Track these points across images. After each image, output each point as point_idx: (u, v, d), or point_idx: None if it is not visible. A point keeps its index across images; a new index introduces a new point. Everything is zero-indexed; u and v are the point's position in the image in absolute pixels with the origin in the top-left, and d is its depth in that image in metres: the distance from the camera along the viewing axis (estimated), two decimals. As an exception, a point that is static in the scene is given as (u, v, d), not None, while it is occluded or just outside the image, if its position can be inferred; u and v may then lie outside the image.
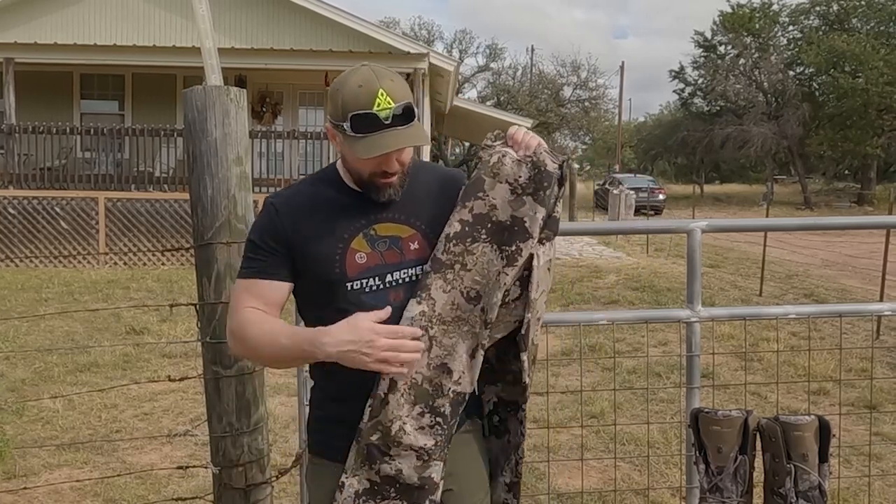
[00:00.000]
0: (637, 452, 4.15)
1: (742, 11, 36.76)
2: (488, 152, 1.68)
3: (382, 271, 1.58)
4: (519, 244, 1.61)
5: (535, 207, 1.62)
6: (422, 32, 44.25)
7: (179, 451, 4.26)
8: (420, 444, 1.56)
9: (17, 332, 7.04)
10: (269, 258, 1.58)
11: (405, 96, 1.52)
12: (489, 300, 1.59)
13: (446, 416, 1.58)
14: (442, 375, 1.58)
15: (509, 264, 1.60)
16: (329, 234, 1.58)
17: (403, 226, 1.61)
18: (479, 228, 1.61)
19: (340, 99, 1.52)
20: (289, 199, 1.63)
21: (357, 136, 1.50)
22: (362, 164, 1.55)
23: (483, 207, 1.62)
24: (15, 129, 12.41)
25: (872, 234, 13.28)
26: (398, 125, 1.50)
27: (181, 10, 14.03)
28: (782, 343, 6.69)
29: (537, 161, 1.64)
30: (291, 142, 13.36)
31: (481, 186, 1.63)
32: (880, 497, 3.62)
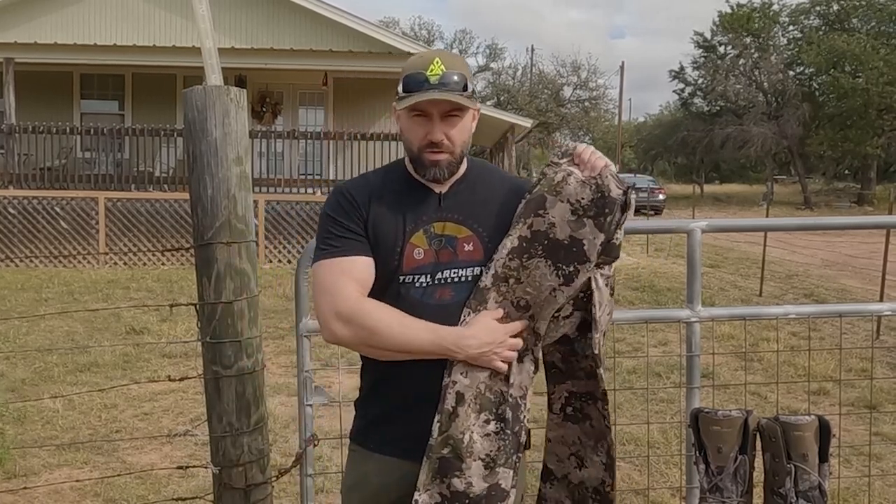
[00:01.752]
0: (637, 452, 4.15)
1: (742, 11, 36.77)
2: (553, 169, 1.67)
3: (434, 269, 1.61)
4: (577, 265, 1.62)
5: (594, 232, 1.62)
6: (422, 32, 44.31)
7: (179, 451, 4.26)
8: (486, 451, 1.58)
9: (18, 331, 7.04)
10: (356, 236, 1.60)
11: (460, 69, 1.59)
12: (540, 312, 1.62)
13: (508, 421, 1.60)
14: (500, 383, 1.61)
15: (565, 283, 1.62)
16: (393, 225, 1.61)
17: (461, 226, 1.63)
18: (536, 244, 1.62)
19: (403, 70, 1.61)
20: (358, 186, 1.67)
21: (405, 94, 1.57)
22: (412, 133, 1.60)
23: (542, 225, 1.62)
24: (15, 128, 12.42)
25: (872, 234, 13.27)
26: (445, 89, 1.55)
27: (181, 10, 14.03)
28: (782, 343, 6.69)
29: (601, 185, 1.63)
30: (291, 142, 13.36)
31: (542, 204, 1.63)
32: (880, 497, 3.62)
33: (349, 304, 1.56)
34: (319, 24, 14.53)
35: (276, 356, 6.15)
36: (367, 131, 13.40)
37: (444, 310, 1.59)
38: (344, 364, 4.49)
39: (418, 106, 1.56)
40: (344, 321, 1.57)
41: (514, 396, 1.62)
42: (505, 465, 1.59)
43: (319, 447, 2.60)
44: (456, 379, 1.59)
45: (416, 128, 1.59)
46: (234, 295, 1.99)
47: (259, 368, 2.07)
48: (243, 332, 2.01)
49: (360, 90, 14.88)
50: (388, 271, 1.60)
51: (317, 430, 2.18)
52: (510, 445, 1.60)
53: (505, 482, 1.58)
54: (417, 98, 1.55)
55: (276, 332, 6.98)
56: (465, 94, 1.58)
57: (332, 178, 13.48)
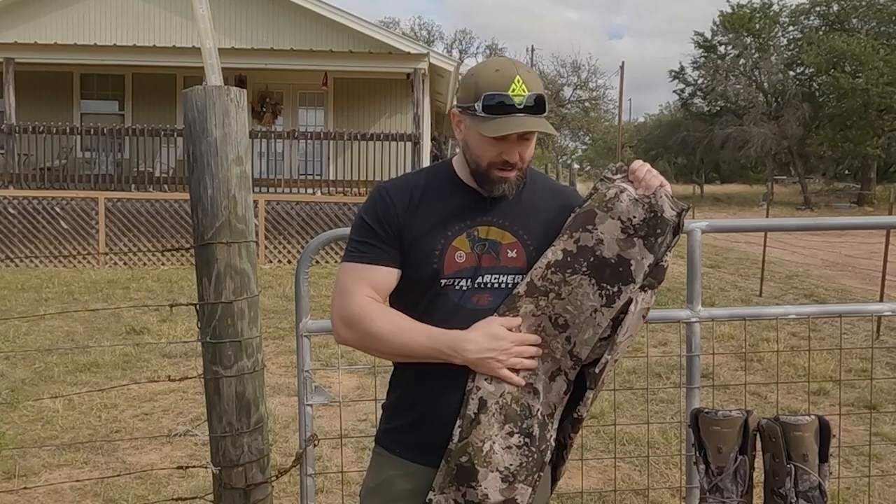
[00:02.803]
0: (637, 452, 4.15)
1: (742, 12, 36.76)
2: (606, 185, 1.63)
3: (474, 273, 1.59)
4: (620, 286, 1.58)
5: (643, 253, 1.59)
6: (422, 33, 44.33)
7: (179, 451, 4.26)
8: (506, 464, 1.55)
9: (18, 331, 7.04)
10: (383, 244, 1.59)
11: (539, 88, 1.54)
12: (579, 334, 1.58)
13: (534, 438, 1.57)
14: (528, 396, 1.57)
15: (607, 304, 1.58)
16: (434, 228, 1.59)
17: (506, 232, 1.61)
18: (581, 260, 1.57)
19: (475, 82, 1.54)
20: (400, 188, 1.63)
21: (487, 116, 1.50)
22: (484, 151, 1.55)
23: (589, 240, 1.58)
24: (15, 129, 12.42)
25: (872, 234, 13.28)
26: (529, 113, 1.51)
27: (181, 10, 14.04)
28: (782, 343, 6.69)
29: (655, 204, 1.60)
30: (291, 142, 13.36)
31: (592, 219, 1.59)
32: (880, 497, 3.62)
33: (354, 309, 1.57)
34: (319, 25, 14.54)
35: (276, 356, 6.15)
36: (367, 131, 13.40)
37: (479, 314, 1.58)
38: (344, 364, 4.49)
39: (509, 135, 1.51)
40: (348, 325, 1.59)
41: (542, 414, 1.58)
42: (525, 482, 1.56)
43: (319, 447, 2.61)
44: (480, 385, 1.55)
45: (490, 147, 1.54)
46: (234, 295, 1.99)
47: (259, 368, 2.07)
48: (243, 333, 2.01)
49: (361, 90, 14.88)
50: (428, 274, 1.58)
51: (317, 430, 2.18)
52: (533, 463, 1.57)
53: (522, 498, 1.56)
54: (509, 129, 1.49)
55: (276, 332, 6.98)
56: (545, 114, 1.55)
57: (332, 179, 13.48)
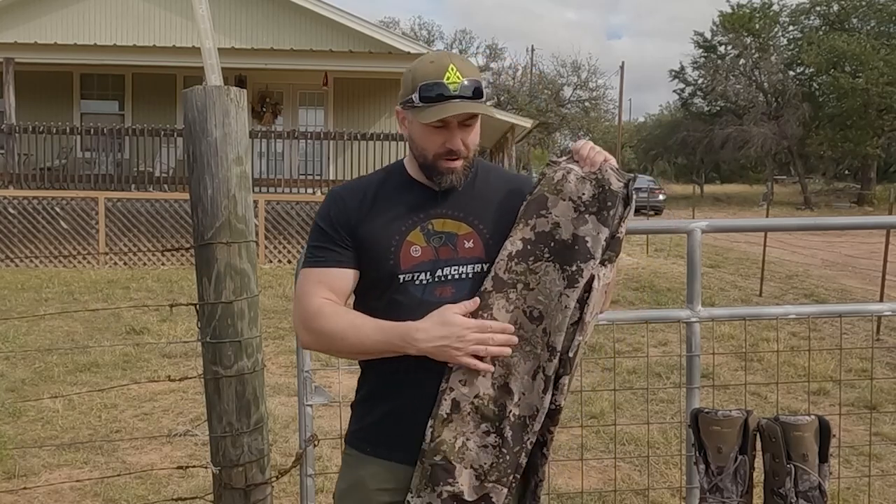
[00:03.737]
0: (637, 452, 4.15)
1: (742, 11, 36.77)
2: (553, 168, 1.63)
3: (433, 266, 1.59)
4: (580, 264, 1.57)
5: (598, 227, 1.58)
6: (422, 32, 44.30)
7: (179, 451, 4.26)
8: (480, 462, 1.54)
9: (18, 331, 7.04)
10: (337, 247, 1.61)
11: (474, 75, 1.56)
12: (552, 322, 1.56)
13: (507, 440, 1.55)
14: (505, 396, 1.55)
15: (570, 285, 1.56)
16: (388, 225, 1.60)
17: (461, 223, 1.62)
18: (542, 247, 1.58)
19: (412, 76, 1.57)
20: (353, 189, 1.66)
21: (424, 105, 1.53)
22: (428, 142, 1.57)
23: (546, 225, 1.58)
24: (15, 128, 12.41)
25: (872, 234, 13.28)
26: (465, 99, 1.53)
27: (181, 10, 14.04)
28: (782, 343, 6.69)
29: (602, 179, 1.60)
30: (291, 142, 13.36)
31: (544, 204, 1.60)
32: (880, 497, 3.62)
33: (310, 311, 1.59)
34: (319, 25, 14.54)
35: (276, 356, 6.15)
36: (367, 131, 13.40)
37: None
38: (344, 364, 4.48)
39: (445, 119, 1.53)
40: (307, 328, 1.61)
41: (517, 416, 1.55)
42: (497, 482, 1.54)
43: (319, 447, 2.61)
44: (453, 386, 1.55)
45: (432, 137, 1.57)
46: (234, 295, 1.99)
47: (259, 368, 2.07)
48: (243, 333, 2.01)
49: (360, 90, 14.88)
50: (386, 271, 1.59)
51: (317, 431, 2.18)
52: (506, 465, 1.55)
53: (497, 498, 1.54)
54: (445, 112, 1.52)
55: (276, 332, 6.98)
56: (483, 100, 1.57)
57: (332, 179, 13.48)
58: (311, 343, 1.64)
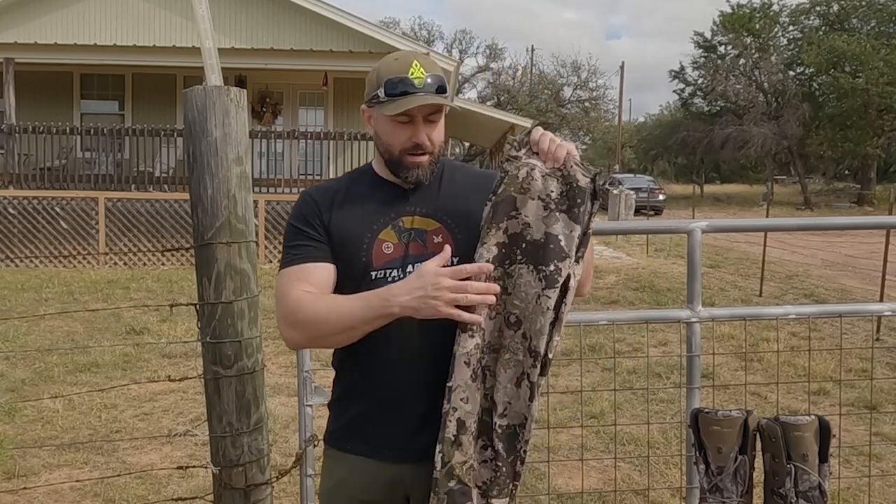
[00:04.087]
0: (637, 452, 4.15)
1: (742, 11, 36.77)
2: (515, 165, 1.58)
3: (404, 262, 1.61)
4: (557, 263, 1.53)
5: (570, 225, 1.55)
6: (422, 33, 44.29)
7: (179, 451, 4.26)
8: (483, 479, 1.53)
9: (18, 331, 7.04)
10: (314, 243, 1.62)
11: (438, 72, 1.59)
12: (532, 326, 1.52)
13: (501, 454, 1.53)
14: (492, 407, 1.53)
15: (549, 286, 1.52)
16: (359, 222, 1.62)
17: (430, 219, 1.63)
18: (515, 249, 1.55)
19: (376, 74, 1.61)
20: (324, 190, 1.69)
21: (390, 98, 1.56)
22: (394, 137, 1.60)
23: (517, 226, 1.55)
24: (15, 129, 12.41)
25: (872, 234, 13.28)
26: (429, 93, 1.56)
27: (181, 10, 14.03)
28: (782, 343, 6.69)
29: (568, 175, 1.56)
30: (291, 142, 13.36)
31: (513, 204, 1.56)
32: (880, 497, 3.62)
33: (290, 305, 1.57)
34: (319, 25, 14.53)
35: (276, 356, 6.15)
36: (367, 132, 13.36)
37: None
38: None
39: (410, 111, 1.55)
40: (290, 324, 1.58)
41: (503, 426, 1.53)
42: (498, 496, 1.53)
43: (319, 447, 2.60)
44: (456, 406, 1.51)
45: (398, 131, 1.59)
46: (234, 295, 1.99)
47: (259, 368, 2.07)
48: (243, 333, 2.01)
49: (360, 90, 14.70)
50: (359, 268, 1.60)
51: (317, 431, 2.18)
52: (504, 476, 1.54)
53: None
54: (410, 104, 1.54)
55: (276, 333, 6.96)
56: (446, 95, 1.60)
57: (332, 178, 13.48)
58: (296, 338, 1.60)
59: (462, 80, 38.92)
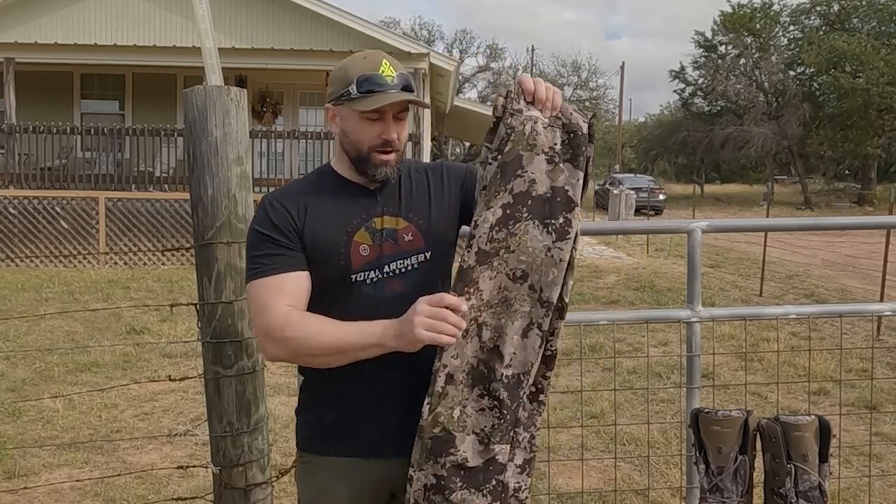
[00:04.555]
0: (637, 452, 4.15)
1: (743, 11, 36.76)
2: (519, 120, 1.53)
3: (379, 263, 1.61)
4: (566, 215, 1.53)
5: (574, 174, 1.55)
6: (422, 32, 44.31)
7: (180, 450, 4.26)
8: (481, 427, 1.54)
9: (18, 331, 7.04)
10: (287, 250, 1.58)
11: (404, 71, 1.61)
12: (543, 278, 1.53)
13: (503, 402, 1.53)
14: (494, 359, 1.53)
15: (560, 238, 1.53)
16: (333, 226, 1.60)
17: (398, 218, 1.64)
18: (521, 207, 1.53)
19: (345, 72, 1.60)
20: (288, 195, 1.64)
21: (363, 95, 1.56)
22: (364, 134, 1.59)
23: (523, 185, 1.53)
24: (15, 128, 12.41)
25: (873, 234, 13.27)
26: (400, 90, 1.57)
27: (181, 10, 14.03)
28: (782, 343, 6.69)
29: (568, 124, 1.55)
30: (292, 141, 13.36)
31: (519, 163, 1.53)
32: (880, 497, 3.62)
33: (278, 320, 1.53)
34: (320, 25, 14.53)
35: (277, 356, 6.15)
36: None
37: (395, 301, 1.57)
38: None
39: (383, 108, 1.55)
40: (275, 340, 1.54)
41: (508, 376, 1.54)
42: (500, 441, 1.55)
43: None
44: (447, 363, 1.53)
45: (367, 128, 1.58)
46: (235, 295, 1.99)
47: (259, 368, 2.07)
48: (243, 332, 2.01)
49: (361, 90, 14.84)
50: (337, 272, 1.59)
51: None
52: (507, 423, 1.55)
53: (502, 457, 1.56)
54: (385, 100, 1.54)
55: (277, 332, 6.97)
56: (414, 94, 1.61)
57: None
58: (279, 354, 1.57)
59: (462, 80, 38.89)
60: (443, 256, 1.68)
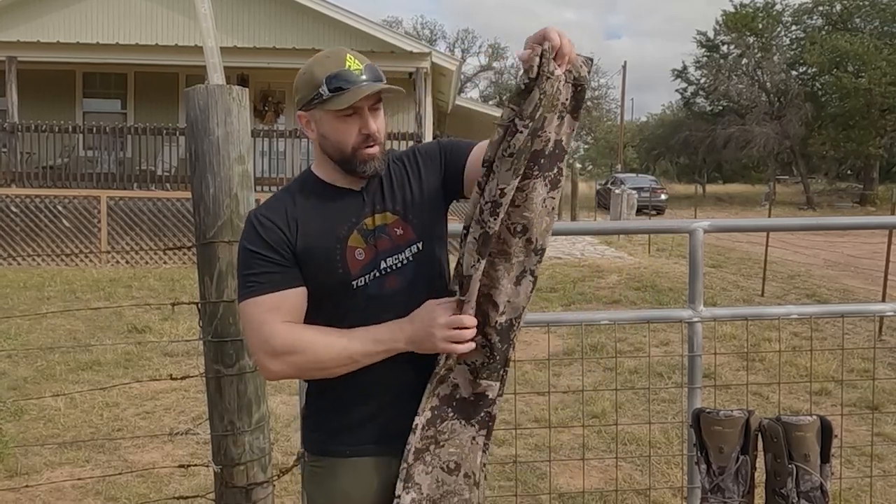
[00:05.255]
0: (638, 452, 4.15)
1: (745, 11, 36.73)
2: (552, 83, 1.45)
3: (375, 261, 1.60)
4: (559, 165, 1.54)
5: (572, 124, 1.56)
6: (424, 32, 44.35)
7: (181, 449, 4.26)
8: (473, 359, 1.60)
9: (20, 330, 7.05)
10: (280, 267, 1.56)
11: (369, 62, 1.59)
12: (539, 228, 1.55)
13: (494, 345, 1.59)
14: (489, 306, 1.57)
15: (553, 187, 1.55)
16: (324, 235, 1.58)
17: (386, 213, 1.63)
18: (532, 165, 1.52)
19: (311, 75, 1.56)
20: (274, 209, 1.61)
21: (335, 94, 1.53)
22: (344, 133, 1.56)
23: (539, 144, 1.52)
24: (17, 127, 12.43)
25: (874, 234, 13.25)
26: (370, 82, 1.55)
27: (183, 9, 14.04)
28: (784, 343, 6.68)
29: (579, 77, 1.52)
30: (293, 141, 13.36)
31: (542, 124, 1.49)
32: (882, 497, 3.62)
33: (283, 339, 1.53)
34: (322, 24, 14.53)
35: (278, 355, 6.15)
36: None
37: (394, 298, 1.58)
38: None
39: (358, 102, 1.53)
40: (279, 357, 1.53)
41: (501, 323, 1.58)
42: (489, 378, 1.62)
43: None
44: None
45: (346, 127, 1.56)
46: (236, 294, 1.99)
47: (260, 367, 2.07)
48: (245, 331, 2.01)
49: (363, 89, 14.83)
50: (336, 280, 1.58)
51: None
52: (496, 363, 1.61)
53: (491, 392, 1.62)
54: (358, 94, 1.52)
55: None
56: (384, 82, 1.59)
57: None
58: (284, 371, 1.56)
59: (464, 80, 38.91)
60: (435, 244, 1.67)
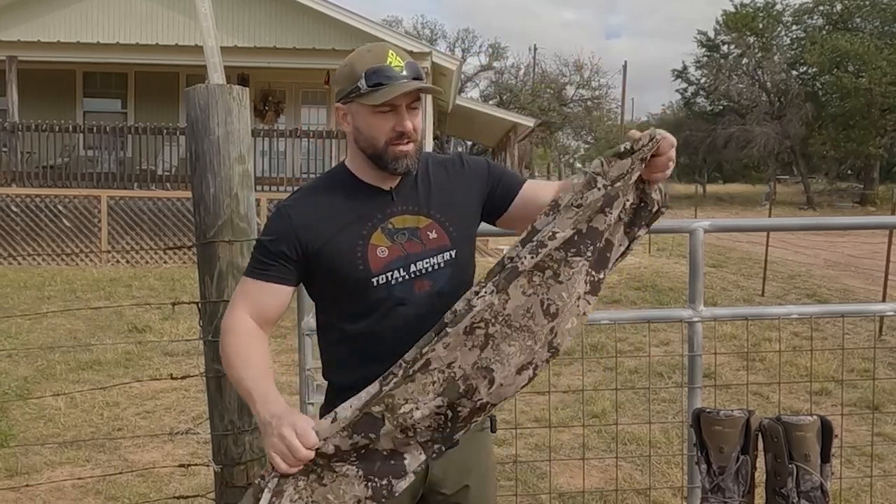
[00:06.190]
0: (639, 452, 4.15)
1: (745, 11, 36.72)
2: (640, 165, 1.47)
3: (406, 262, 1.58)
4: (605, 272, 1.50)
5: (623, 240, 1.53)
6: (424, 31, 44.31)
7: (181, 449, 4.26)
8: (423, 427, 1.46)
9: (20, 329, 7.05)
10: (277, 262, 1.58)
11: (411, 60, 1.58)
12: (562, 324, 1.47)
13: (458, 418, 1.47)
14: (480, 380, 1.45)
15: (592, 292, 1.49)
16: (347, 232, 1.58)
17: (419, 216, 1.61)
18: (588, 243, 1.47)
19: (351, 68, 1.56)
20: (303, 203, 1.63)
21: (373, 88, 1.52)
22: (378, 129, 1.55)
23: (602, 223, 1.48)
24: (18, 127, 12.43)
25: (875, 234, 13.24)
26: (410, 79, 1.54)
27: (184, 9, 14.04)
28: (784, 343, 6.68)
29: (648, 196, 1.51)
30: (294, 140, 13.36)
31: (612, 202, 1.46)
32: (882, 498, 3.62)
33: (225, 322, 1.60)
34: (322, 23, 14.53)
35: (278, 355, 6.15)
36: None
37: (428, 301, 1.57)
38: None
39: (396, 99, 1.52)
40: (222, 333, 1.61)
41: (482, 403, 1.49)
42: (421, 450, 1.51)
43: (321, 446, 2.59)
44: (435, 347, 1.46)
45: (381, 122, 1.55)
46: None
47: (261, 367, 2.07)
48: (245, 331, 2.01)
49: (363, 89, 14.83)
50: (356, 276, 1.57)
51: (318, 429, 2.18)
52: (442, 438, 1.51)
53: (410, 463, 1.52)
54: (397, 91, 1.51)
55: (278, 331, 6.98)
56: (424, 82, 1.58)
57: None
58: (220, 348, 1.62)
59: (465, 79, 38.90)
60: (467, 255, 1.66)
